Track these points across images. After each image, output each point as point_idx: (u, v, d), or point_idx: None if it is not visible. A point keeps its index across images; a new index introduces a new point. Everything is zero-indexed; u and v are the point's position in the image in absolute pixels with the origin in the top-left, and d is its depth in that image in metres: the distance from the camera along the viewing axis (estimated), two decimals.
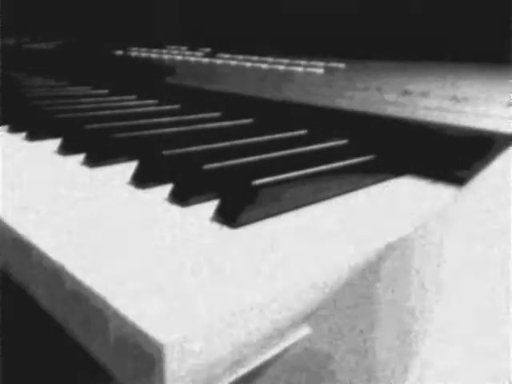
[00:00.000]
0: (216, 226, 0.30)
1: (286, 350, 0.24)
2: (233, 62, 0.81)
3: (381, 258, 0.27)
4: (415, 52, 0.77)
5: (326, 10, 0.86)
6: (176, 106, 0.65)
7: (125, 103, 0.66)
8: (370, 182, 0.38)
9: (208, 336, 0.20)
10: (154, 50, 1.02)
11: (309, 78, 0.63)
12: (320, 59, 0.81)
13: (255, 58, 0.84)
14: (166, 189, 0.37)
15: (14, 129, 0.54)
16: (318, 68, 0.70)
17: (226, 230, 0.30)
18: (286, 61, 0.78)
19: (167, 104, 0.66)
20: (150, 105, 0.66)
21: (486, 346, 0.23)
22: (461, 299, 0.25)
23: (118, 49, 1.07)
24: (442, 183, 0.38)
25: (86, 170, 0.41)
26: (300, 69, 0.71)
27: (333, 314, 0.25)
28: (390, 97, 0.49)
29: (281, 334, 0.24)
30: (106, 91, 0.77)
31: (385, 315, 0.24)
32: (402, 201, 0.35)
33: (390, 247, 0.28)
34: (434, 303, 0.24)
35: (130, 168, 0.42)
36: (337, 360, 0.24)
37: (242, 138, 0.47)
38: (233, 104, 0.59)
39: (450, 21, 0.72)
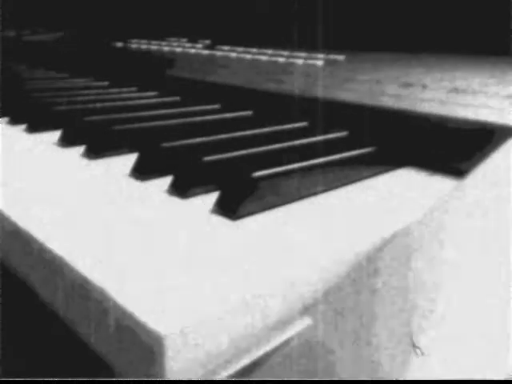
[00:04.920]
0: (216, 217, 0.30)
1: (286, 342, 0.24)
2: (232, 54, 0.80)
3: (381, 248, 0.27)
4: (415, 44, 0.76)
5: (325, 2, 0.86)
6: (176, 98, 0.65)
7: (125, 95, 0.66)
8: (370, 174, 0.38)
9: (208, 328, 0.21)
10: (154, 42, 1.01)
11: (309, 69, 0.63)
12: (320, 51, 0.80)
13: (255, 49, 0.84)
14: (166, 181, 0.37)
15: (14, 121, 0.54)
16: (318, 60, 0.70)
17: (225, 221, 0.30)
18: (286, 53, 0.78)
19: (167, 96, 0.66)
20: (150, 97, 0.66)
21: (486, 337, 0.23)
22: (461, 289, 0.25)
23: (119, 41, 1.07)
24: (442, 175, 0.38)
25: (85, 161, 0.41)
26: (300, 61, 0.70)
27: (333, 306, 0.25)
28: (390, 89, 0.49)
29: (281, 325, 0.24)
30: (106, 83, 0.77)
31: (385, 306, 0.24)
32: (403, 192, 0.35)
33: (391, 238, 0.28)
34: (435, 293, 0.25)
35: (130, 160, 0.42)
36: (337, 351, 0.24)
37: (241, 130, 0.47)
38: (232, 96, 0.59)
39: (450, 12, 0.72)
